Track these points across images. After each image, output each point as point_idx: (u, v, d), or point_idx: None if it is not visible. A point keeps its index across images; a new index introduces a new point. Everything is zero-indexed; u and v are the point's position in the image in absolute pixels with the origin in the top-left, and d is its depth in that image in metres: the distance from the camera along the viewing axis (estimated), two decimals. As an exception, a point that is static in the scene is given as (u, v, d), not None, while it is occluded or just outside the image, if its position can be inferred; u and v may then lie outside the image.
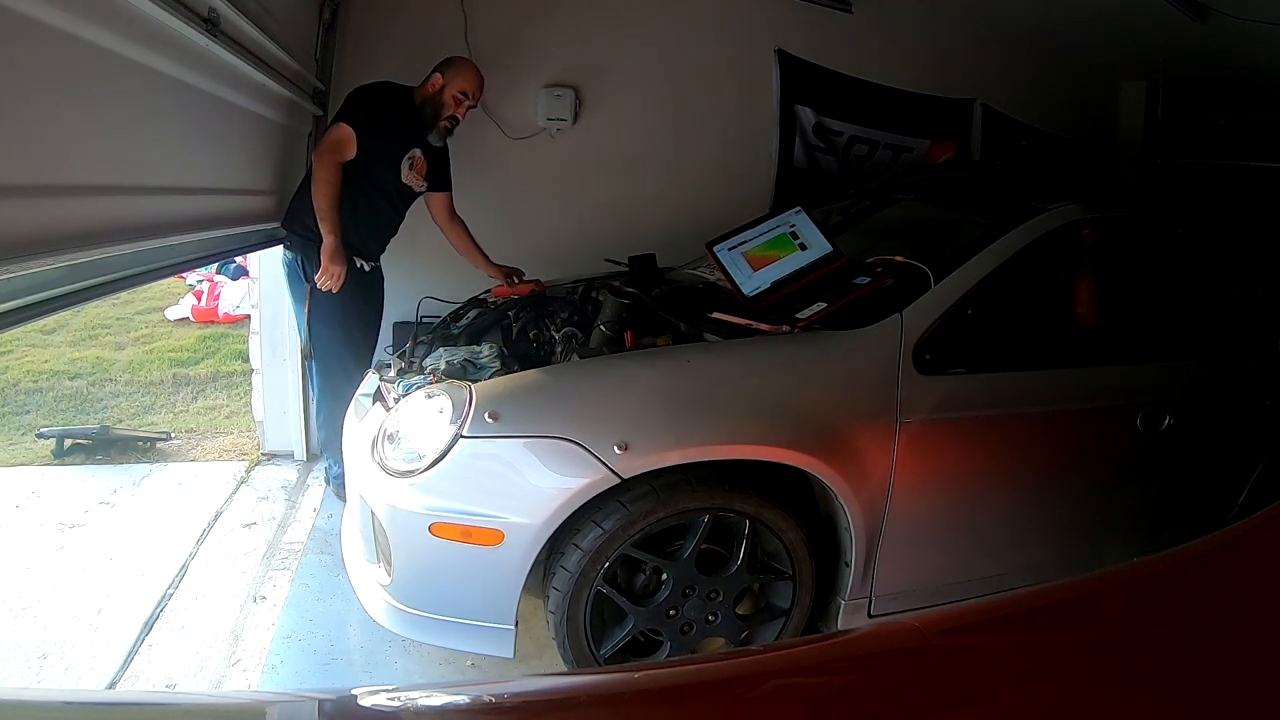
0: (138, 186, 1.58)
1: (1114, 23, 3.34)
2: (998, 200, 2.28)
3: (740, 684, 0.65)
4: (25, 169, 1.16)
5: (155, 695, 1.47)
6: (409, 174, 2.57)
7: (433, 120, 2.54)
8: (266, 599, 2.21)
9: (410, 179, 2.58)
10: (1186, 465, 2.16)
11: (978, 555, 2.01)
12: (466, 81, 2.54)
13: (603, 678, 0.97)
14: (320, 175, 2.35)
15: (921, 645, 0.69)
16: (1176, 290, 2.25)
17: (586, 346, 1.90)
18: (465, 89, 2.53)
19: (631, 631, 1.75)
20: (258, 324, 3.10)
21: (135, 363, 4.44)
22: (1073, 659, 0.61)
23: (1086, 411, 2.01)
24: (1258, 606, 0.67)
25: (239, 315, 5.18)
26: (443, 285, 2.67)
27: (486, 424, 1.61)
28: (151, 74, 1.57)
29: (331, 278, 2.38)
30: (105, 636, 2.02)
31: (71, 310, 2.17)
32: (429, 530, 1.62)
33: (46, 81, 1.20)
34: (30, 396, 3.90)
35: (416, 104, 2.53)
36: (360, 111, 2.43)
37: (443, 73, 2.52)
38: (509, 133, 3.24)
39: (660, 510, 1.67)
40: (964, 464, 1.93)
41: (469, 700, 0.66)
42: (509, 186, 3.31)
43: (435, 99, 2.52)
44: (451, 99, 2.52)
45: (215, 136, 2.03)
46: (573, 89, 3.22)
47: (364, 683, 1.88)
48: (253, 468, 3.04)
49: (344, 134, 2.38)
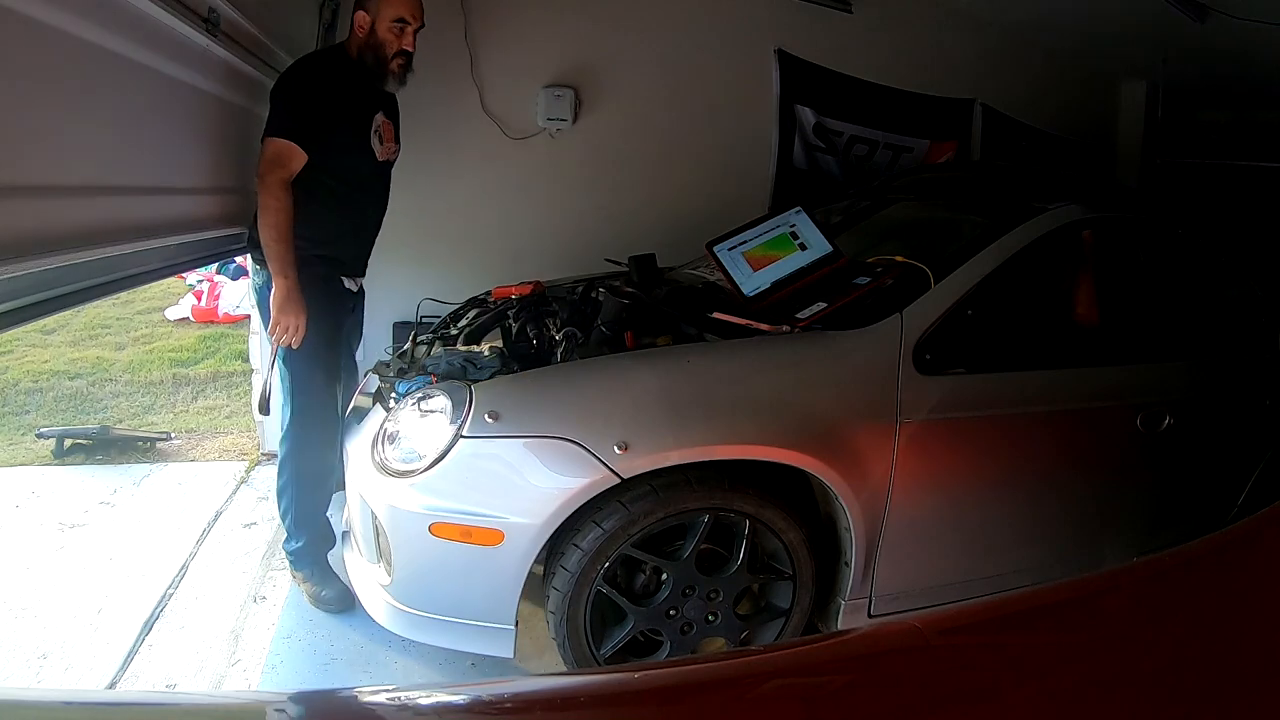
0: (137, 186, 1.58)
1: (1114, 23, 3.34)
2: (998, 200, 2.28)
3: (740, 684, 0.65)
4: (25, 169, 1.16)
5: (155, 695, 1.47)
6: (381, 147, 2.16)
7: (381, 68, 2.08)
8: (266, 599, 2.21)
9: (385, 152, 2.18)
10: (1186, 465, 2.16)
11: (978, 555, 2.01)
12: (396, 5, 2.05)
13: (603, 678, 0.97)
14: (267, 203, 1.91)
15: (921, 645, 0.69)
16: (1176, 290, 2.25)
17: (586, 346, 1.90)
18: (399, 13, 2.05)
19: (631, 631, 1.75)
20: (258, 324, 3.09)
21: (135, 363, 4.44)
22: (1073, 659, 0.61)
23: (1086, 411, 2.01)
24: (1258, 606, 0.67)
25: (239, 315, 5.19)
26: (443, 285, 2.67)
27: (486, 424, 1.61)
28: (151, 74, 1.57)
29: (288, 330, 1.95)
30: (105, 636, 2.02)
31: (71, 310, 2.16)
32: (429, 530, 1.63)
33: (46, 81, 1.20)
34: (30, 396, 3.90)
35: (354, 58, 2.08)
36: (294, 108, 1.96)
37: (365, 8, 2.06)
38: (509, 133, 3.24)
39: (660, 510, 1.67)
40: (964, 464, 1.93)
41: (469, 700, 0.66)
42: (509, 186, 3.31)
43: (371, 41, 2.05)
44: (389, 33, 2.05)
45: (215, 136, 2.03)
46: (573, 89, 3.22)
47: (364, 683, 1.88)
48: (253, 468, 3.04)
49: (280, 148, 1.92)
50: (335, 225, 2.09)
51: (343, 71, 2.07)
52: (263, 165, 1.93)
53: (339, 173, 2.07)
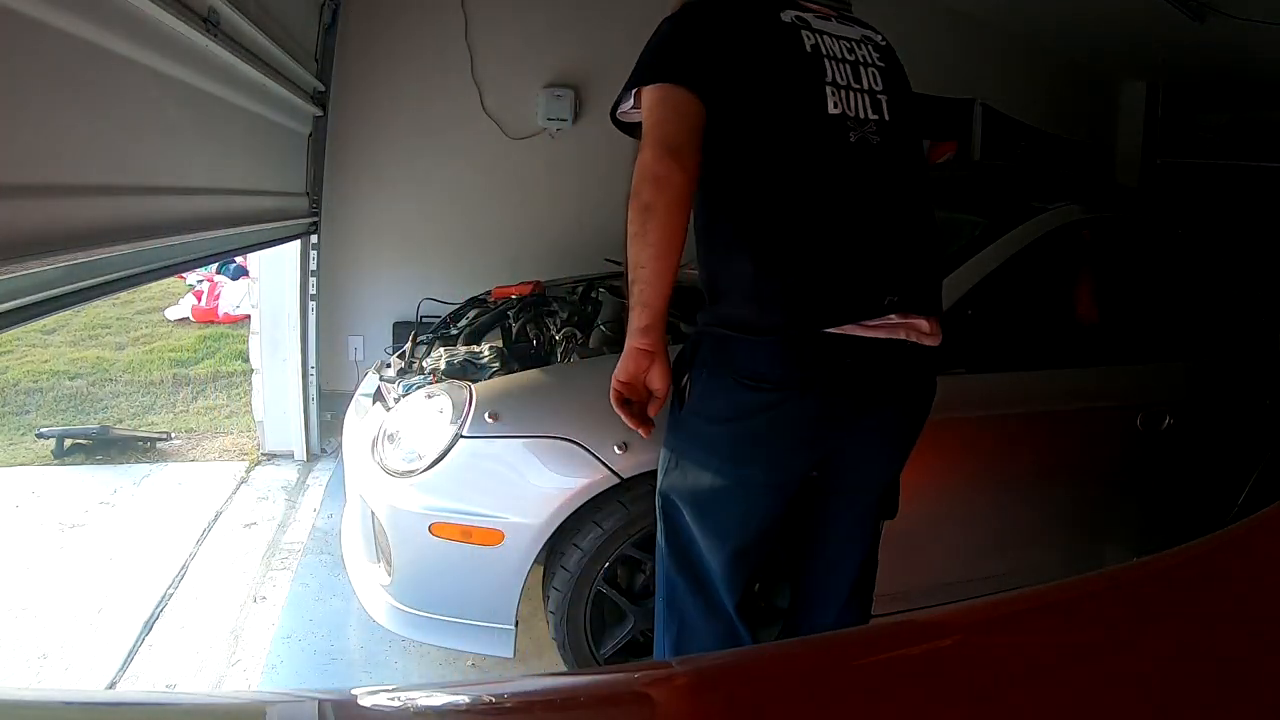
0: (137, 186, 1.58)
1: (1114, 23, 3.34)
2: (998, 200, 2.28)
3: (740, 684, 0.65)
4: (25, 169, 1.16)
5: (155, 695, 1.47)
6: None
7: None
8: (266, 599, 2.21)
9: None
10: (1186, 465, 2.16)
11: (978, 555, 2.01)
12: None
13: (603, 678, 0.97)
14: (647, 196, 1.14)
15: (922, 645, 0.69)
16: (1176, 290, 2.25)
17: (586, 346, 1.90)
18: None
19: (631, 632, 1.75)
20: (258, 324, 3.10)
21: (135, 363, 4.43)
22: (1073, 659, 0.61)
23: (1086, 411, 2.01)
24: (1258, 606, 0.67)
25: (239, 315, 5.18)
26: (443, 285, 2.67)
27: (486, 424, 1.61)
28: (151, 74, 1.57)
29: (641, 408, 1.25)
30: (105, 636, 2.02)
31: (71, 310, 2.16)
32: (429, 530, 1.62)
33: (46, 81, 1.20)
34: (30, 396, 3.90)
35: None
36: (691, 34, 1.26)
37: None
38: (509, 133, 3.25)
39: (660, 510, 1.66)
40: (964, 464, 1.93)
41: (469, 700, 0.66)
42: (509, 186, 3.32)
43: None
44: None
45: (214, 137, 2.02)
46: (573, 89, 3.22)
47: (364, 683, 1.88)
48: (253, 468, 3.04)
49: (664, 95, 1.20)
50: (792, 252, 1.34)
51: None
52: (645, 136, 1.26)
53: (770, 143, 1.29)
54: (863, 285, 1.22)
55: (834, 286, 1.21)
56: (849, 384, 1.24)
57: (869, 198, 1.25)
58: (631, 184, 1.15)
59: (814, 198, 1.22)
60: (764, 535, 1.31)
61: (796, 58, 1.24)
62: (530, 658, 1.92)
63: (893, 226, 1.27)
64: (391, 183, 3.27)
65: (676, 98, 1.19)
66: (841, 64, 1.27)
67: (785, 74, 1.23)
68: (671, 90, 1.20)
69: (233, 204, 2.15)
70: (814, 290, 1.20)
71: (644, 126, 1.21)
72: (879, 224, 1.26)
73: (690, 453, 1.29)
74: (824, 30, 1.28)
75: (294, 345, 2.98)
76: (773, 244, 1.21)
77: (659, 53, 1.25)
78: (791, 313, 1.20)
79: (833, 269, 1.21)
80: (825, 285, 1.21)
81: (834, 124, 1.23)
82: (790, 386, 1.20)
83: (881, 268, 1.24)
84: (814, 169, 1.23)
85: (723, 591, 1.31)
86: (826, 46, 1.26)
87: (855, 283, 1.22)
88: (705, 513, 1.29)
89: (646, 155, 1.16)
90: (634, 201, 1.14)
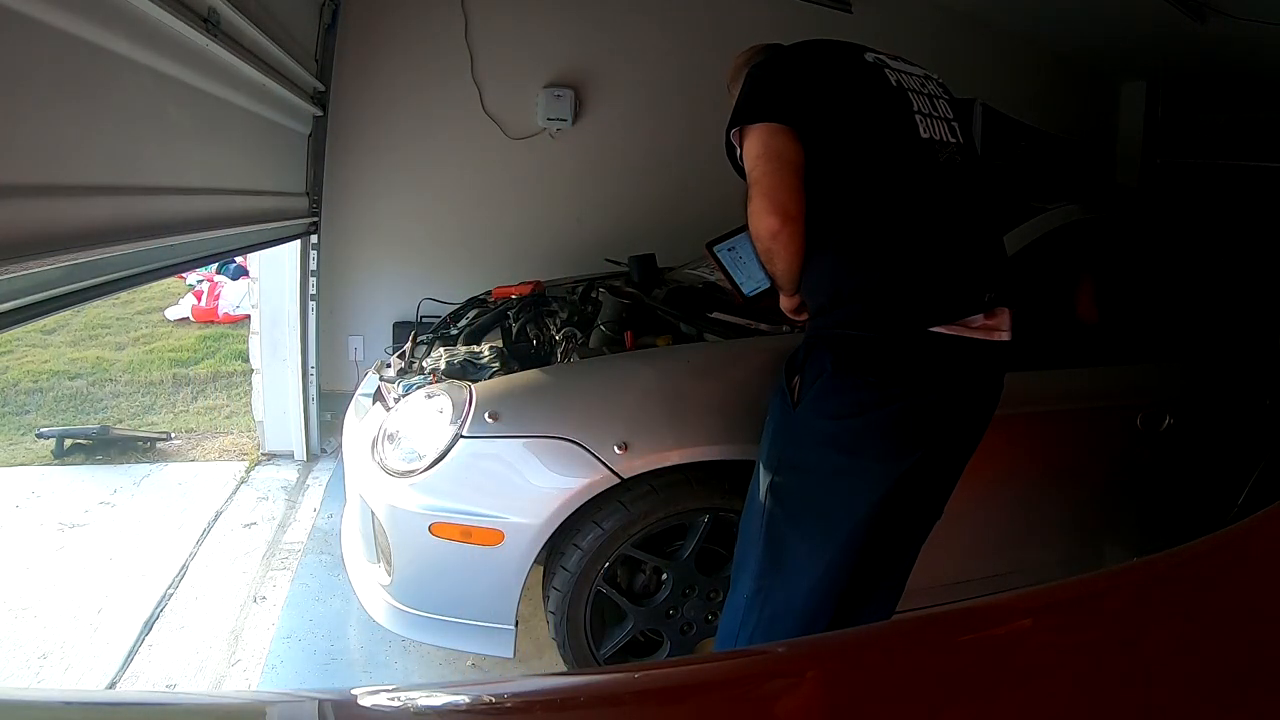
0: (137, 186, 1.57)
1: (1114, 23, 3.34)
2: (997, 200, 2.27)
3: (740, 684, 0.65)
4: (25, 169, 1.16)
5: (155, 695, 1.47)
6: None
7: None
8: (266, 599, 2.21)
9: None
10: (1186, 465, 2.16)
11: (978, 555, 2.01)
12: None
13: (603, 678, 0.97)
14: (766, 245, 1.35)
15: (923, 645, 0.69)
16: (1176, 290, 2.25)
17: (586, 346, 1.90)
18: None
19: (631, 631, 1.75)
20: (258, 324, 3.10)
21: (135, 363, 4.43)
22: (1073, 659, 0.61)
23: (1086, 411, 2.01)
24: (1258, 606, 0.67)
25: (239, 315, 5.19)
26: (443, 285, 2.67)
27: (486, 424, 1.61)
28: (151, 74, 1.57)
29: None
30: (105, 636, 2.02)
31: (71, 310, 2.16)
32: (429, 530, 1.62)
33: (46, 81, 1.20)
34: (30, 396, 3.90)
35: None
36: (785, 77, 1.40)
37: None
38: (509, 133, 3.25)
39: (660, 510, 1.66)
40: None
41: (469, 700, 0.66)
42: (509, 186, 3.32)
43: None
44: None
45: (214, 137, 2.02)
46: (573, 89, 3.22)
47: (364, 683, 1.88)
48: (253, 468, 3.04)
49: (765, 139, 1.34)
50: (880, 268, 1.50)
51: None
52: (750, 172, 1.44)
53: (859, 173, 1.45)
54: (967, 285, 1.37)
55: (944, 287, 1.35)
56: (957, 381, 1.37)
57: (961, 211, 1.42)
58: (749, 225, 1.35)
59: (921, 214, 1.37)
60: (871, 528, 1.37)
61: (885, 92, 1.39)
62: (530, 658, 1.92)
63: (981, 235, 1.44)
64: (391, 183, 3.27)
65: (777, 142, 1.33)
66: (920, 96, 1.43)
67: (879, 107, 1.39)
68: (771, 132, 1.34)
69: (233, 204, 2.15)
70: (927, 291, 1.34)
71: (748, 172, 1.35)
72: (972, 234, 1.42)
73: (804, 451, 1.38)
74: (899, 69, 1.45)
75: (294, 345, 2.98)
76: (890, 255, 1.35)
77: (754, 97, 1.38)
78: (911, 313, 1.33)
79: (941, 273, 1.36)
80: (937, 287, 1.35)
81: (926, 148, 1.39)
82: (908, 383, 1.33)
83: (979, 270, 1.39)
84: (916, 189, 1.37)
85: (825, 588, 1.39)
86: (905, 82, 1.42)
87: (960, 284, 1.36)
88: (815, 506, 1.38)
89: (756, 208, 1.33)
90: (757, 243, 1.37)
